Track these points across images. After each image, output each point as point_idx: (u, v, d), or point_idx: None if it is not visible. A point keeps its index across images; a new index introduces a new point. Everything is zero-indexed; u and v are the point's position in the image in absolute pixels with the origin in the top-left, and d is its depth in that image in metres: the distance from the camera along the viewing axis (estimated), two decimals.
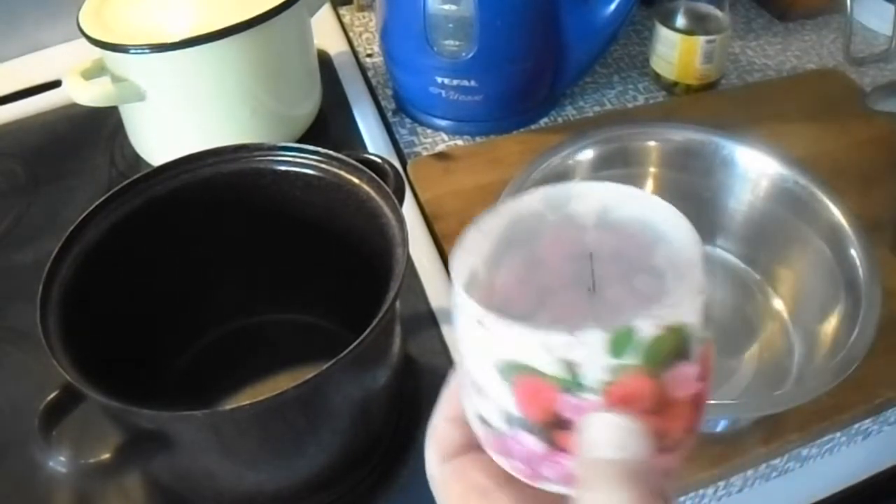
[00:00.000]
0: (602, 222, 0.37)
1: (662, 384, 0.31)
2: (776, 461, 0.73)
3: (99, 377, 0.49)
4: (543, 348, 0.30)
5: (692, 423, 0.34)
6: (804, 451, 0.74)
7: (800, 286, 0.76)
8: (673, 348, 0.31)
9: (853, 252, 0.68)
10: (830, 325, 0.68)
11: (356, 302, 0.55)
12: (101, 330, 0.56)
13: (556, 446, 0.33)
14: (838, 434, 0.75)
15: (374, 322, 0.50)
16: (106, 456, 0.49)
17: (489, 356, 0.32)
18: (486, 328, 0.32)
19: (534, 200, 0.37)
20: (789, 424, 0.66)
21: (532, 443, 0.33)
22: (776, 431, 0.66)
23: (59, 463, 0.48)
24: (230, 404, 0.59)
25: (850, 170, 0.86)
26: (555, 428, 0.32)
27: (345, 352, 0.49)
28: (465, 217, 0.85)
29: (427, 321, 0.72)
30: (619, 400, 0.31)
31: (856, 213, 0.70)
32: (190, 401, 0.49)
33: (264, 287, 0.68)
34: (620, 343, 0.30)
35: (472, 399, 0.35)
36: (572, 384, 0.31)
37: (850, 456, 0.83)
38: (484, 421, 0.35)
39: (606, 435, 0.31)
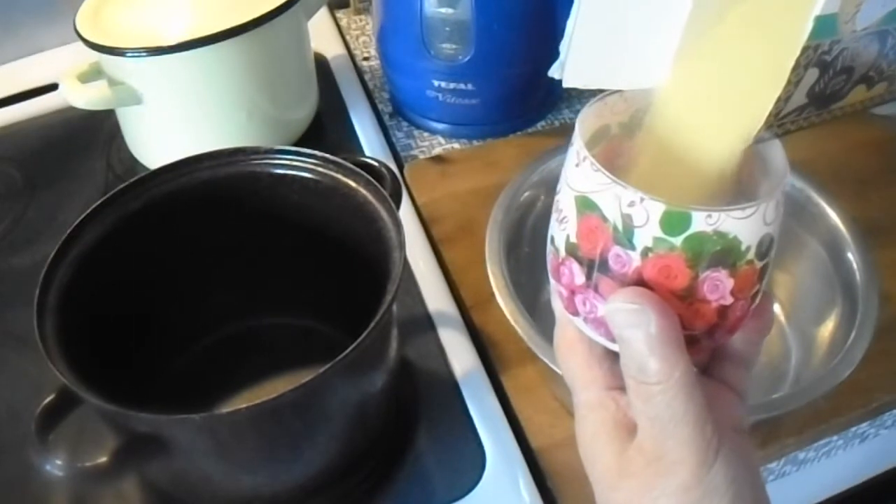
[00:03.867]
0: None
1: (696, 278, 0.36)
2: (773, 465, 0.73)
3: (96, 380, 0.49)
4: (614, 197, 0.36)
5: (714, 329, 0.39)
6: (801, 455, 0.75)
7: (797, 290, 0.76)
8: (716, 252, 0.36)
9: (850, 256, 0.68)
10: (827, 328, 0.68)
11: (353, 305, 0.55)
12: (98, 333, 0.56)
13: (594, 285, 0.38)
14: (835, 437, 0.75)
15: (371, 325, 0.50)
16: (102, 460, 0.48)
17: (574, 189, 0.38)
18: (581, 165, 0.37)
19: None
20: (786, 428, 0.66)
21: (577, 272, 0.39)
22: (773, 435, 0.66)
23: (55, 467, 0.48)
24: (227, 408, 0.59)
25: (847, 173, 0.87)
26: (599, 270, 0.38)
27: (341, 355, 0.49)
28: (461, 220, 0.86)
29: (424, 324, 0.72)
30: (652, 271, 0.36)
31: (853, 216, 0.70)
32: (187, 404, 0.49)
33: (261, 290, 0.68)
34: (673, 222, 0.35)
35: (552, 224, 0.41)
36: (623, 237, 0.36)
37: (848, 459, 0.83)
38: (553, 242, 0.41)
39: (621, 316, 0.37)
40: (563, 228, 0.39)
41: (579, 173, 0.38)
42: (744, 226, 0.35)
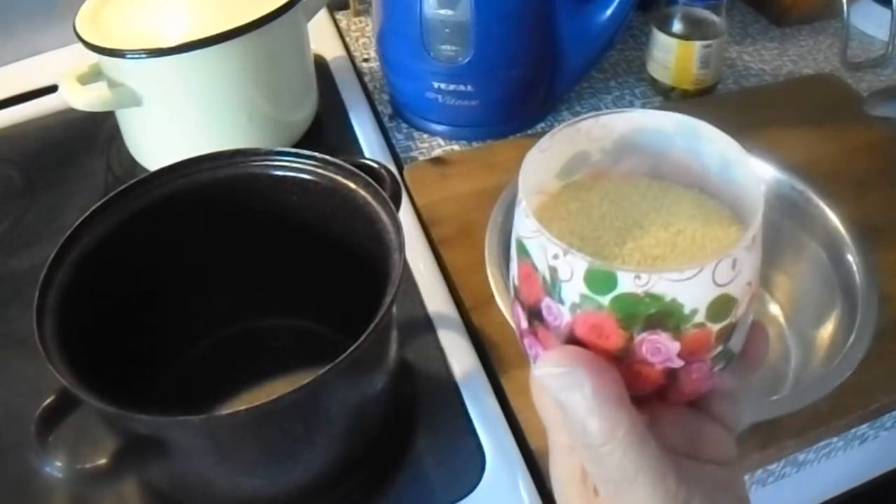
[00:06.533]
0: (723, 174, 0.38)
1: (632, 339, 0.33)
2: (773, 466, 0.73)
3: (95, 382, 0.49)
4: (541, 248, 0.33)
5: (666, 390, 0.36)
6: (801, 457, 0.75)
7: (796, 291, 0.76)
8: (652, 315, 0.32)
9: (850, 257, 0.68)
10: (827, 330, 0.68)
11: (353, 307, 0.55)
12: (98, 335, 0.56)
13: (534, 332, 0.36)
14: (835, 439, 0.75)
15: (371, 327, 0.50)
16: (102, 461, 0.48)
17: (515, 230, 0.36)
18: (518, 206, 0.35)
19: (664, 120, 0.39)
20: (786, 429, 0.66)
21: (521, 316, 0.37)
22: (773, 436, 0.66)
23: (55, 468, 0.48)
24: (226, 410, 0.59)
25: (847, 175, 0.87)
26: (536, 318, 0.36)
27: (341, 357, 0.49)
28: (461, 222, 0.86)
29: (423, 326, 0.72)
30: (583, 328, 0.34)
31: (852, 218, 0.70)
32: (186, 406, 0.49)
33: (261, 292, 0.68)
34: (598, 280, 0.32)
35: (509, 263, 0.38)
36: (552, 289, 0.34)
37: (847, 461, 0.83)
38: (510, 282, 0.38)
39: (552, 381, 0.34)
40: (511, 269, 0.37)
41: (517, 215, 0.35)
42: (684, 288, 0.32)
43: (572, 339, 0.34)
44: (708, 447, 0.38)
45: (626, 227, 0.37)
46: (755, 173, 0.36)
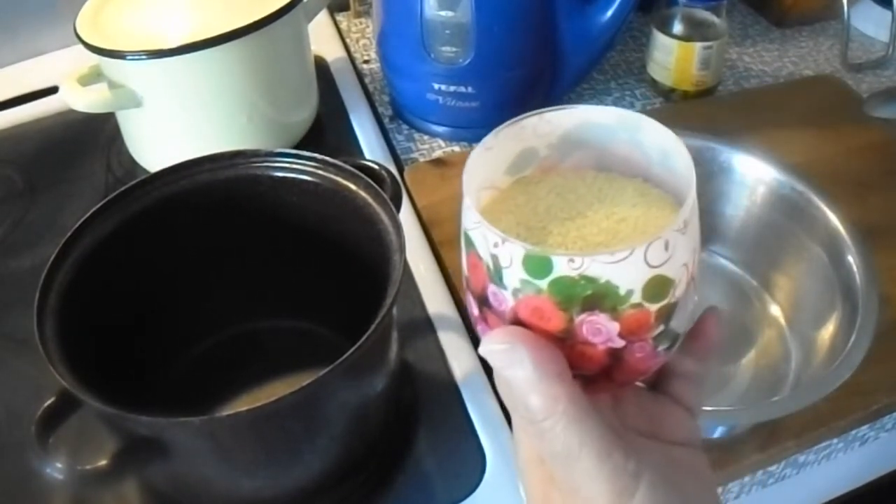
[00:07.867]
0: (663, 163, 0.39)
1: (572, 321, 0.35)
2: (773, 468, 0.73)
3: (96, 383, 0.49)
4: (482, 237, 0.35)
5: (612, 370, 0.37)
6: (801, 458, 0.74)
7: (797, 292, 0.76)
8: (588, 297, 0.34)
9: (850, 258, 0.68)
10: (827, 331, 0.68)
11: (353, 308, 0.55)
12: (98, 336, 0.56)
13: (484, 318, 0.38)
14: (835, 440, 0.75)
15: (371, 329, 0.50)
16: (103, 462, 0.48)
17: (462, 223, 0.37)
18: (463, 200, 0.37)
19: (606, 114, 0.40)
20: (786, 431, 0.66)
21: (472, 303, 0.39)
22: (773, 438, 0.66)
23: (55, 470, 0.48)
24: (227, 411, 0.59)
25: (847, 176, 0.87)
26: (484, 304, 0.37)
27: (341, 358, 0.49)
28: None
29: (424, 327, 0.72)
30: (525, 311, 0.35)
31: (853, 219, 0.70)
32: (187, 407, 0.49)
33: (261, 293, 0.68)
34: (535, 265, 0.34)
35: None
36: (495, 276, 0.35)
37: (848, 462, 0.83)
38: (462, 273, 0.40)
39: (496, 357, 0.36)
40: (462, 261, 0.39)
41: (463, 208, 0.37)
42: (617, 270, 0.33)
43: (517, 323, 0.36)
44: (670, 428, 0.39)
45: (571, 217, 0.38)
46: (689, 161, 0.37)
